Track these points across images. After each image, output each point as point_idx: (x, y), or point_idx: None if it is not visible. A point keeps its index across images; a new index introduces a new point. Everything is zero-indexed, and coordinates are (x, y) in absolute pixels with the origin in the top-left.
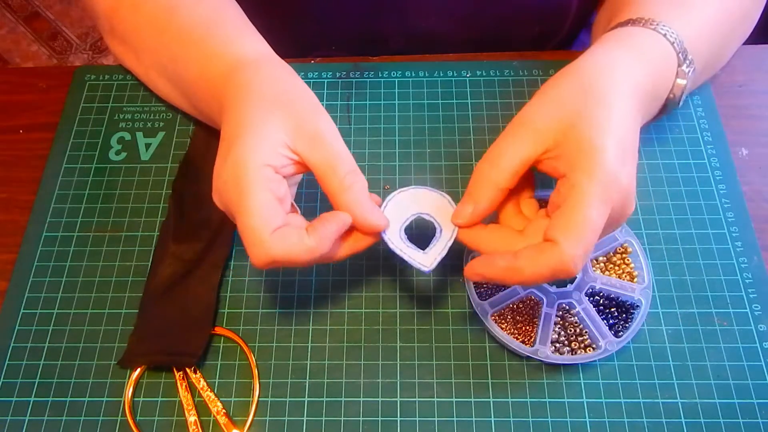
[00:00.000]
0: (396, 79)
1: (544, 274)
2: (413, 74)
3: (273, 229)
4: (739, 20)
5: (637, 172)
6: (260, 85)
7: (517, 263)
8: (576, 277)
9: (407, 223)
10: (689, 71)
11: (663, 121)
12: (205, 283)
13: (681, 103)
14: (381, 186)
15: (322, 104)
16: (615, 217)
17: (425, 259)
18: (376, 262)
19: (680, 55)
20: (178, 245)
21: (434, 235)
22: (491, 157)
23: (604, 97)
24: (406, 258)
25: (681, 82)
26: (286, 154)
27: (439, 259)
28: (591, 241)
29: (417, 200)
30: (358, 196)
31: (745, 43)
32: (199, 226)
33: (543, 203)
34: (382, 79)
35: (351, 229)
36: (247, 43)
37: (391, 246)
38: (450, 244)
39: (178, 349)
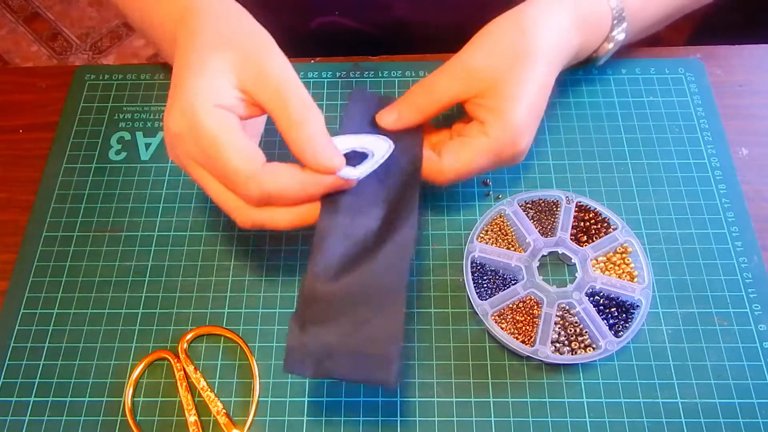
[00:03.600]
0: (396, 79)
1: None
2: (413, 74)
3: (260, 165)
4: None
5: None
6: (206, 26)
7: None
8: (576, 276)
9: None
10: (619, 38)
11: (663, 120)
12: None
13: (601, 63)
14: None
15: (320, 104)
16: (498, 164)
17: (353, 171)
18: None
19: (615, 21)
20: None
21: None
22: (426, 86)
23: (533, 60)
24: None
25: (608, 45)
26: (234, 93)
27: (367, 170)
28: (465, 177)
29: (352, 139)
30: (309, 133)
31: (745, 43)
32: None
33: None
34: (382, 79)
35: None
36: None
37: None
38: (381, 161)
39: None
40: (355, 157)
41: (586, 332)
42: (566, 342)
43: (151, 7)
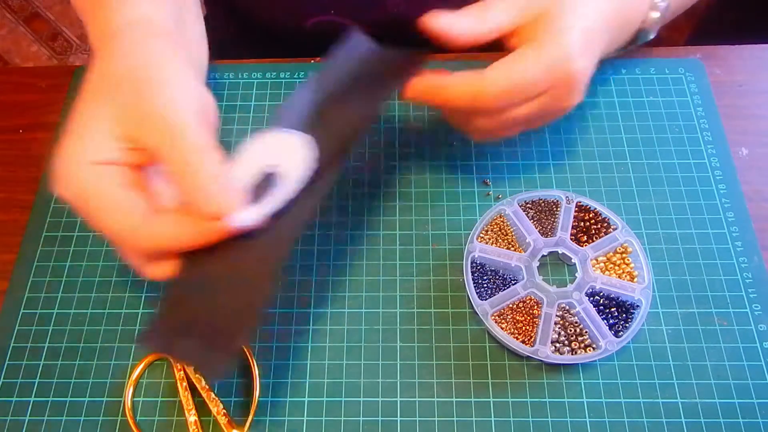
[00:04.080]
0: None
1: (459, 94)
2: None
3: (138, 219)
4: None
5: (595, 68)
6: (96, 71)
7: (444, 79)
8: (577, 277)
9: (252, 180)
10: (663, 4)
11: (663, 120)
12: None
13: (653, 34)
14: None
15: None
16: (555, 99)
17: (252, 213)
18: (376, 262)
19: None
20: None
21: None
22: (478, 13)
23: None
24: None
25: (654, 15)
26: (115, 145)
27: (272, 209)
28: (513, 90)
29: (269, 149)
30: (200, 182)
31: (745, 43)
32: None
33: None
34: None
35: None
36: (117, 16)
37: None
38: (291, 193)
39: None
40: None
41: (586, 332)
42: (566, 342)
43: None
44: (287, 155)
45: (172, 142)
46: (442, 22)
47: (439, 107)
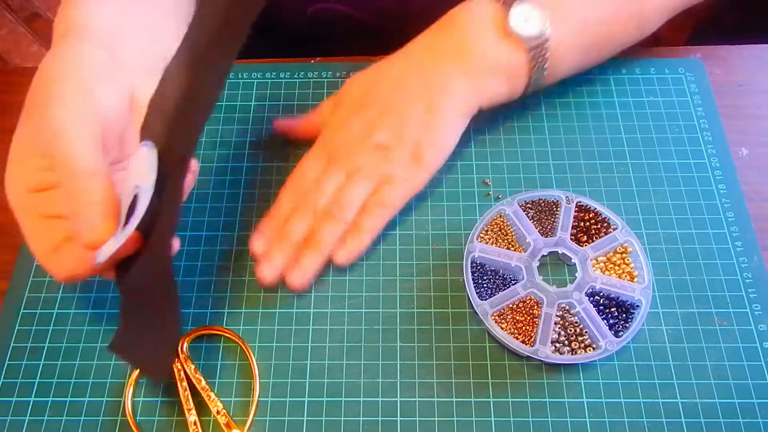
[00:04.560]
0: None
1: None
2: None
3: (51, 249)
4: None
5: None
6: (32, 88)
7: None
8: (576, 276)
9: (130, 200)
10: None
11: (663, 120)
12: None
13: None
14: None
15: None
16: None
17: (110, 246)
18: (376, 262)
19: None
20: None
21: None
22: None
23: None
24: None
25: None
26: (40, 166)
27: (107, 253)
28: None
29: (140, 165)
30: (79, 209)
31: (745, 43)
32: None
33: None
34: None
35: None
36: (61, 24)
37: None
38: (122, 239)
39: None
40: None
41: (586, 332)
42: (566, 342)
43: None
44: (143, 169)
45: (58, 167)
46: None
47: None
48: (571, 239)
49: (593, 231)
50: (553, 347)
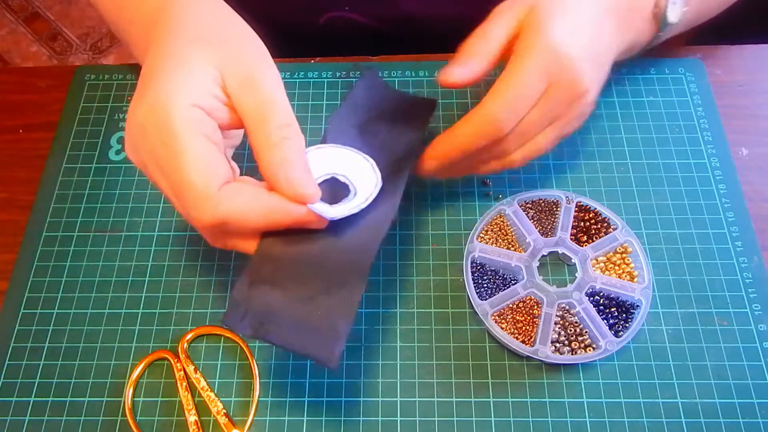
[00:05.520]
0: (396, 79)
1: (472, 133)
2: (413, 74)
3: (220, 183)
4: None
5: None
6: (190, 18)
7: (453, 130)
8: (576, 276)
9: (318, 182)
10: None
11: (663, 120)
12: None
13: (673, 20)
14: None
15: (320, 104)
16: (560, 91)
17: (330, 210)
18: (376, 262)
19: None
20: None
21: (346, 197)
22: (481, 33)
23: None
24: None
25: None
26: (217, 93)
27: (345, 214)
28: (514, 104)
29: (335, 159)
30: (287, 155)
31: (745, 43)
32: None
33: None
34: (383, 79)
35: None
36: None
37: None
38: (363, 206)
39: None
40: (335, 186)
41: (586, 332)
42: (566, 342)
43: (126, 4)
44: (354, 170)
45: (271, 112)
46: (456, 76)
47: (461, 158)
48: (571, 239)
49: (593, 231)
50: (553, 347)
